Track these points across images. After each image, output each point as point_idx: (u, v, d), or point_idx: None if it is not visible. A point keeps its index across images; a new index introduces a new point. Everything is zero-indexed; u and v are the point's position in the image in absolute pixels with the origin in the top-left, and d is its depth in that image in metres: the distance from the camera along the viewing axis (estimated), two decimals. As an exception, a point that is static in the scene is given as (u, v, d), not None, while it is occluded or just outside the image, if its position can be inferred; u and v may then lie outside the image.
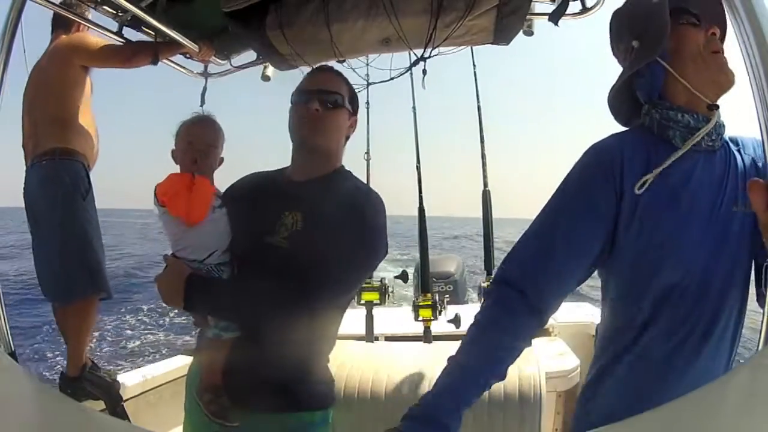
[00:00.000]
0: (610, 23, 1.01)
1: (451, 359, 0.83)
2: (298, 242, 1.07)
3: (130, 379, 1.94)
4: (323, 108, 1.12)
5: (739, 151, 0.90)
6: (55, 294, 1.88)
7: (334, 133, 1.16)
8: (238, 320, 1.07)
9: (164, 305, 1.12)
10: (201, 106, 1.82)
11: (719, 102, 0.87)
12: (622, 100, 0.99)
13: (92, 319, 1.91)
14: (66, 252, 1.83)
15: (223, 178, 1.27)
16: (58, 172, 1.83)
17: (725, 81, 0.86)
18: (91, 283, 1.87)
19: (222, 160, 1.16)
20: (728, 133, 0.92)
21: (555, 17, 1.45)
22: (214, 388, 1.06)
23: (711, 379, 0.84)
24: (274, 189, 1.19)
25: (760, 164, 0.89)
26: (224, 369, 1.07)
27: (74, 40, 1.92)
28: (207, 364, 1.09)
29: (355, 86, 1.24)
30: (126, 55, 1.84)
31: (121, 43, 1.82)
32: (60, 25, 1.97)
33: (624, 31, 0.96)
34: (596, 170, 0.88)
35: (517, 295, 0.84)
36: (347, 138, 1.22)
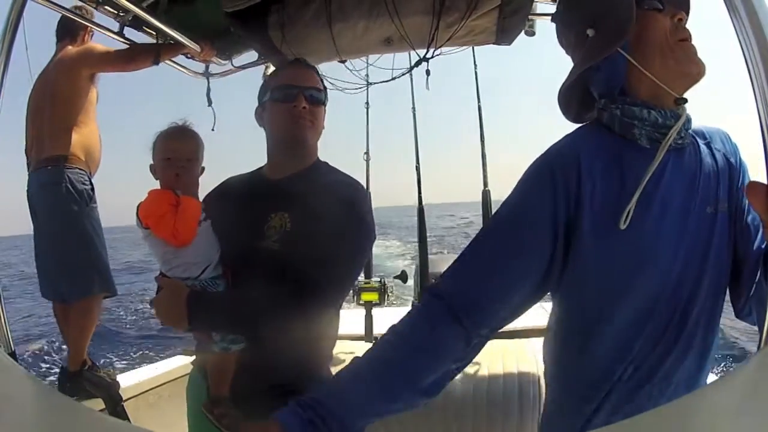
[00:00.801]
0: (557, 7, 0.91)
1: (357, 361, 0.74)
2: (290, 243, 1.05)
3: (130, 379, 1.94)
4: (310, 105, 1.11)
5: (708, 145, 0.82)
6: (61, 293, 1.92)
7: (319, 129, 1.16)
8: (244, 331, 1.05)
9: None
10: (209, 106, 1.84)
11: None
12: (571, 95, 0.88)
13: (95, 316, 1.96)
14: (73, 254, 1.88)
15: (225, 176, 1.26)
16: (63, 178, 1.87)
17: (695, 71, 0.77)
18: (99, 282, 1.92)
19: (203, 169, 1.09)
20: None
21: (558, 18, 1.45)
22: (224, 400, 1.04)
23: (692, 389, 0.77)
24: (255, 191, 1.15)
25: (732, 160, 0.81)
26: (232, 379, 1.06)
27: (81, 51, 1.96)
28: (216, 377, 1.06)
29: (355, 86, 1.24)
30: (128, 57, 1.87)
31: (124, 46, 1.83)
32: (66, 34, 2.00)
33: (575, 18, 0.85)
34: (545, 178, 0.77)
35: (444, 309, 0.75)
36: None
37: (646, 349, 0.77)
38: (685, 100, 0.77)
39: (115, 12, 1.63)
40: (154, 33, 1.73)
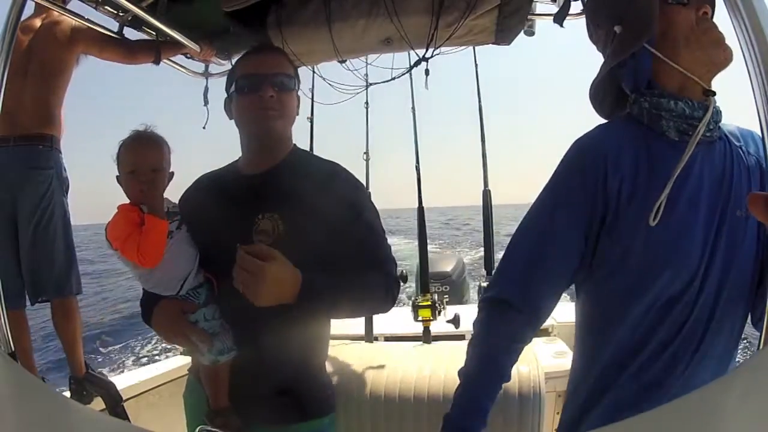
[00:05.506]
0: (587, 5, 0.92)
1: (461, 371, 0.86)
2: (287, 244, 0.98)
3: (130, 379, 1.94)
4: (278, 93, 1.05)
5: (741, 148, 0.80)
6: (41, 291, 1.83)
7: (290, 117, 1.11)
8: (243, 337, 1.03)
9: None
10: (204, 105, 1.83)
11: (715, 87, 0.78)
12: (604, 92, 0.89)
13: (79, 315, 1.91)
14: (60, 247, 1.82)
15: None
16: (56, 163, 1.80)
17: (722, 57, 0.75)
18: (76, 280, 1.88)
19: (172, 174, 1.04)
20: (725, 122, 0.81)
21: (559, 18, 1.45)
22: (225, 410, 1.03)
23: None
24: (234, 190, 1.09)
25: (765, 165, 0.78)
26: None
27: (78, 26, 1.86)
28: (212, 390, 1.05)
29: (354, 87, 1.23)
30: (130, 50, 1.84)
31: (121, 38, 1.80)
32: None
33: (603, 14, 0.85)
34: (576, 170, 0.80)
35: (507, 307, 0.83)
36: None
37: (657, 352, 0.75)
38: (714, 93, 0.77)
39: (115, 12, 1.63)
40: (154, 33, 1.72)
